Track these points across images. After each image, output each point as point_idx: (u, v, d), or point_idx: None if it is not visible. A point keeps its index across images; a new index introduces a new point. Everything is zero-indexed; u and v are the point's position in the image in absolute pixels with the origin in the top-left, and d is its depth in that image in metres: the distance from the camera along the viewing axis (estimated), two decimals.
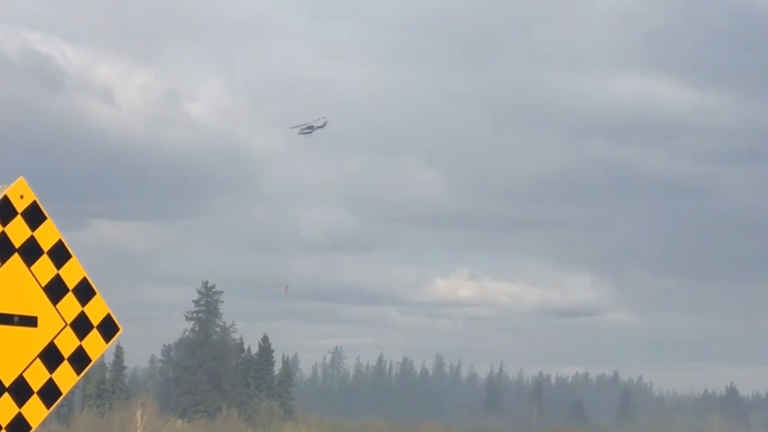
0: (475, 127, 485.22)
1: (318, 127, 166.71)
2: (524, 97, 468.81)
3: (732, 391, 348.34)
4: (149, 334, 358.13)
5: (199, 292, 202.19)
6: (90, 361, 10.76)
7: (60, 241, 10.56)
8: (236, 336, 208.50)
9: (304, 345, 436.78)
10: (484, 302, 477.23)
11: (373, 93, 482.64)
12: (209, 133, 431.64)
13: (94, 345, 10.73)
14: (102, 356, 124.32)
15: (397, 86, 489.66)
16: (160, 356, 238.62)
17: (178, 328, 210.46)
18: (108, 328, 10.87)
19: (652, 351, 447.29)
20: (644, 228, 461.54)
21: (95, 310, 10.77)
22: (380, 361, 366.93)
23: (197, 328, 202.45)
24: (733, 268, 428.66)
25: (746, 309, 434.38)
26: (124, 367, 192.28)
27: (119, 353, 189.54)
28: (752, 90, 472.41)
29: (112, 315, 10.95)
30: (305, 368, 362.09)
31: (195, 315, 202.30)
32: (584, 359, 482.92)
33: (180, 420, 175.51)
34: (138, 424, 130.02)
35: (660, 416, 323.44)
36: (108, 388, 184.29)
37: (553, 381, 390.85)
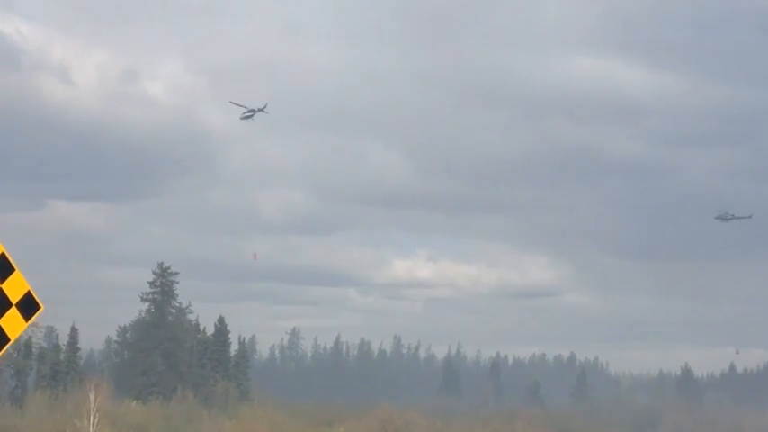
0: (435, 108, 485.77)
1: (259, 110, 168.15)
2: (485, 78, 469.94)
3: (687, 372, 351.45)
4: (106, 315, 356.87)
5: (154, 273, 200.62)
6: (8, 340, 10.20)
7: None
8: (192, 317, 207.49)
9: (263, 326, 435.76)
10: (442, 283, 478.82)
11: (334, 73, 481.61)
12: (168, 113, 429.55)
13: (13, 323, 10.14)
14: (57, 338, 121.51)
15: (357, 67, 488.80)
16: (116, 338, 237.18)
17: (134, 309, 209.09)
18: (28, 306, 10.27)
19: (609, 332, 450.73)
20: (602, 209, 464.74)
21: (14, 288, 10.15)
22: (338, 342, 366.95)
23: (152, 309, 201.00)
24: (690, 250, 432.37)
25: (702, 291, 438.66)
26: (78, 348, 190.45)
27: (73, 334, 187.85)
28: (712, 73, 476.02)
29: (33, 293, 10.35)
30: (263, 350, 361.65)
31: (150, 296, 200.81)
32: (542, 340, 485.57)
33: (135, 402, 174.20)
34: (91, 406, 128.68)
35: (616, 396, 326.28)
36: (62, 369, 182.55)
37: (510, 361, 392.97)
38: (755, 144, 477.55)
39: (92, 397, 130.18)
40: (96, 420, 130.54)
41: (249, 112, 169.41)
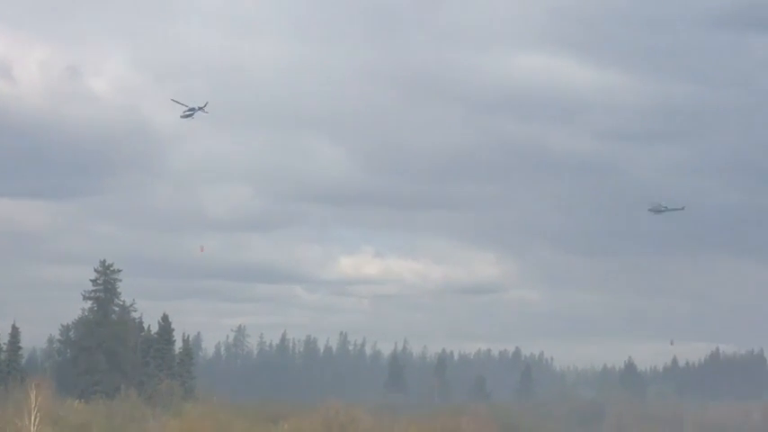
0: (381, 104, 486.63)
1: (199, 108, 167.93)
2: (431, 74, 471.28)
3: (630, 366, 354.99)
4: (50, 314, 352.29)
5: (96, 271, 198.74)
6: None
7: None
8: (136, 315, 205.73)
9: (208, 324, 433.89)
10: (389, 280, 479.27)
11: (280, 69, 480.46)
12: (112, 109, 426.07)
13: None
14: None
15: (303, 63, 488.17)
16: (58, 336, 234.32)
17: (78, 308, 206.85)
18: None
19: (553, 327, 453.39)
20: (547, 205, 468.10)
21: None
22: (284, 339, 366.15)
23: (95, 308, 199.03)
24: (634, 246, 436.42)
25: (645, 285, 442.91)
26: (20, 347, 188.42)
27: (14, 333, 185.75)
28: (654, 70, 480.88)
29: None
30: (208, 347, 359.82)
31: (93, 294, 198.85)
32: (488, 336, 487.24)
33: (77, 401, 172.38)
34: (33, 405, 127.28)
35: (560, 391, 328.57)
36: (3, 369, 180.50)
37: (456, 357, 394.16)
38: (697, 140, 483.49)
39: (33, 396, 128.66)
40: (37, 420, 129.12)
41: (190, 110, 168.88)
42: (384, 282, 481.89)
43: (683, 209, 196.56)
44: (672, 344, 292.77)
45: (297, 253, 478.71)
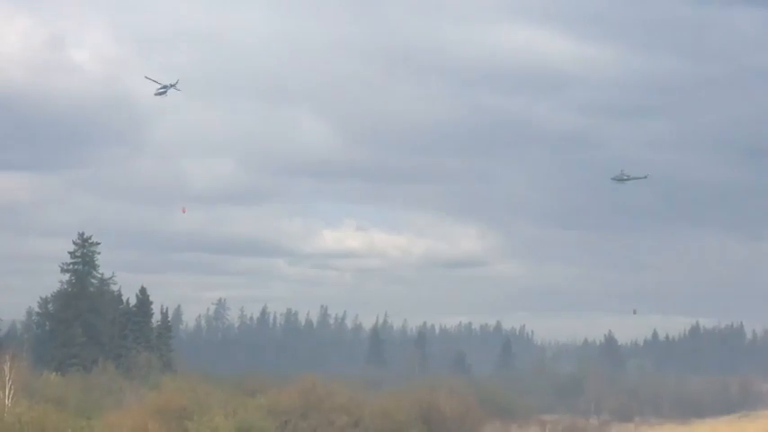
0: (364, 77, 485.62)
1: (172, 86, 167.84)
2: (413, 48, 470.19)
3: (610, 340, 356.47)
4: (30, 286, 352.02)
5: (74, 243, 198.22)
6: None
7: None
8: (115, 288, 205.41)
9: (190, 297, 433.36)
10: (372, 254, 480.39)
11: (263, 42, 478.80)
12: (95, 81, 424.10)
13: None
14: None
15: (287, 37, 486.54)
16: (37, 309, 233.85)
17: (57, 280, 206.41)
18: None
19: (535, 301, 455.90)
20: (530, 179, 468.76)
21: None
22: (264, 312, 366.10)
23: (73, 280, 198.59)
24: (615, 220, 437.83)
25: (627, 259, 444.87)
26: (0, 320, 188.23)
27: None
28: (637, 44, 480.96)
29: None
30: (189, 320, 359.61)
31: (71, 267, 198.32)
32: (469, 309, 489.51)
33: (54, 374, 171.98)
34: (7, 378, 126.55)
35: (539, 364, 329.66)
36: None
37: (437, 331, 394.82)
38: (681, 115, 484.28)
39: (7, 369, 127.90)
40: (12, 392, 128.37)
41: (162, 88, 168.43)
42: (366, 255, 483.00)
43: (645, 177, 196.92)
44: (635, 313, 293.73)
45: (279, 226, 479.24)
